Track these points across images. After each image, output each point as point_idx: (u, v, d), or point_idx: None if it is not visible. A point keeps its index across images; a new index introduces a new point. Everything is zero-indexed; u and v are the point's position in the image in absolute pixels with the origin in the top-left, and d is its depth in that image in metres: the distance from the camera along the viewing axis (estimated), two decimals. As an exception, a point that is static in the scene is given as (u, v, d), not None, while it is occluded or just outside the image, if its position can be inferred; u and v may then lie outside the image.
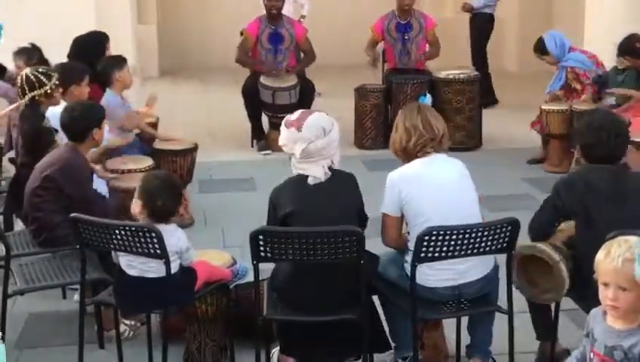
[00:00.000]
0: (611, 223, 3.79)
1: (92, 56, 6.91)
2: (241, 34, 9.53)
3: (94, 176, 5.45)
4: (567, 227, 4.39)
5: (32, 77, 5.47)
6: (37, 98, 5.43)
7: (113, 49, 7.45)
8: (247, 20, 9.45)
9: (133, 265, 4.25)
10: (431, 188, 4.23)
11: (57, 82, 5.57)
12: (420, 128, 4.32)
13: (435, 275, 4.17)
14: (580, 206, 4.19)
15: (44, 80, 5.48)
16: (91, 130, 5.04)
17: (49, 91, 5.48)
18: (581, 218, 4.19)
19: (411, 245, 4.16)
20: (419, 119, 4.35)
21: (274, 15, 9.21)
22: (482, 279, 4.25)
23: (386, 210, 4.31)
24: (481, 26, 11.02)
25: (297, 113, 4.28)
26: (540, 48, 8.46)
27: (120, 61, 6.81)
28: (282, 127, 4.24)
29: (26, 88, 5.46)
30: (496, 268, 4.34)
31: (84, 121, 5.04)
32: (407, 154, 4.36)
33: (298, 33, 9.34)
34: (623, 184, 4.24)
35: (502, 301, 4.27)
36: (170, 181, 4.38)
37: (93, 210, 4.68)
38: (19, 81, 5.51)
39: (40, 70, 5.57)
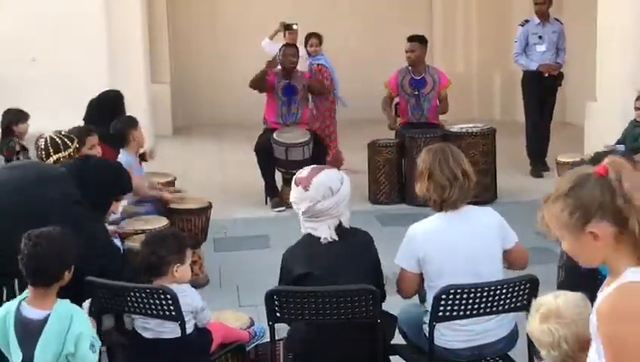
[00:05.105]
0: None
1: (112, 117, 6.92)
2: None
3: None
4: None
5: (57, 140, 5.56)
6: (60, 160, 5.48)
7: (127, 108, 7.49)
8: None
9: (149, 327, 4.22)
10: (448, 247, 4.13)
11: (78, 145, 5.64)
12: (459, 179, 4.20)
13: (455, 336, 4.11)
14: None
15: (68, 142, 5.57)
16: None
17: (72, 153, 5.54)
18: None
19: (429, 306, 4.10)
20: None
21: (290, 69, 9.43)
22: (502, 339, 4.19)
23: (402, 264, 4.22)
24: None
25: (307, 170, 4.16)
26: None
27: (134, 121, 6.86)
28: (292, 184, 4.15)
29: (51, 151, 5.52)
30: (516, 326, 4.25)
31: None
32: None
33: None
34: None
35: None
36: (165, 234, 4.46)
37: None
38: (42, 143, 5.56)
39: (63, 133, 5.66)
